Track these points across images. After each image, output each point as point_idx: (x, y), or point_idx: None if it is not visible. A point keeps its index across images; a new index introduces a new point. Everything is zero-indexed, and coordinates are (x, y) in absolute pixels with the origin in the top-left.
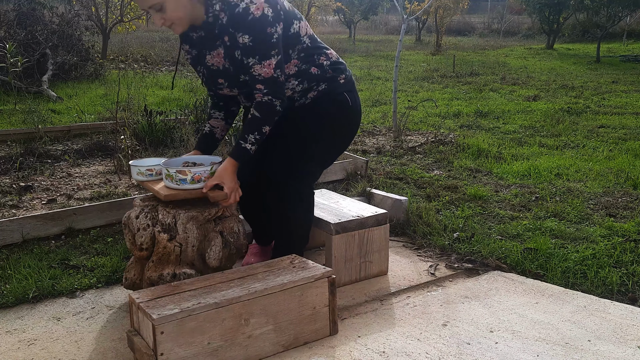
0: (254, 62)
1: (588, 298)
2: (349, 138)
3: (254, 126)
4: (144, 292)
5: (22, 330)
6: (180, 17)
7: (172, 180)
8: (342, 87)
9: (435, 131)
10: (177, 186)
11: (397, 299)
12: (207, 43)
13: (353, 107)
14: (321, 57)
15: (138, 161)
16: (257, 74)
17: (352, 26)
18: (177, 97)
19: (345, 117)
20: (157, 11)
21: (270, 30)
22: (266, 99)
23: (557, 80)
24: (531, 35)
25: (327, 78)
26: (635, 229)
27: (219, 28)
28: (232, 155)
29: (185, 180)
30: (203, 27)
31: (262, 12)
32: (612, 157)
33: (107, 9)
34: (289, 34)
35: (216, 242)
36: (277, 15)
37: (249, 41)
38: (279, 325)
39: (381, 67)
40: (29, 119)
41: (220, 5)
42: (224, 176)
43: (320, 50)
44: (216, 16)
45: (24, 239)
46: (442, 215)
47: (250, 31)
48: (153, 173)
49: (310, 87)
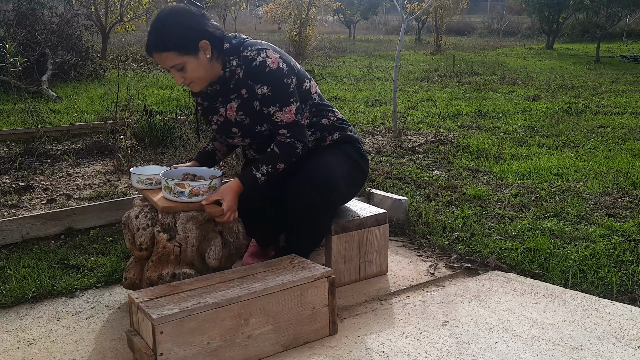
0: (275, 110)
1: (587, 298)
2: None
3: (269, 160)
4: (143, 292)
5: (22, 330)
6: (200, 77)
7: (170, 192)
8: (353, 137)
9: (435, 131)
10: (175, 198)
11: (397, 299)
12: (222, 96)
13: (364, 155)
14: (329, 114)
15: (139, 169)
16: (279, 120)
17: (352, 26)
18: (176, 97)
19: (361, 159)
20: (178, 70)
21: (286, 81)
22: (289, 141)
23: (556, 80)
24: (531, 35)
25: (338, 127)
26: (634, 229)
27: (235, 82)
28: (241, 179)
29: (183, 194)
30: (219, 82)
31: (278, 65)
32: (612, 157)
33: (106, 9)
34: (302, 90)
35: (216, 242)
36: (290, 69)
37: (268, 91)
38: (278, 325)
39: (381, 67)
40: (29, 118)
41: (237, 61)
42: (227, 194)
43: (328, 108)
44: (233, 71)
45: (23, 238)
46: (442, 215)
47: (268, 82)
48: (153, 182)
49: (323, 137)
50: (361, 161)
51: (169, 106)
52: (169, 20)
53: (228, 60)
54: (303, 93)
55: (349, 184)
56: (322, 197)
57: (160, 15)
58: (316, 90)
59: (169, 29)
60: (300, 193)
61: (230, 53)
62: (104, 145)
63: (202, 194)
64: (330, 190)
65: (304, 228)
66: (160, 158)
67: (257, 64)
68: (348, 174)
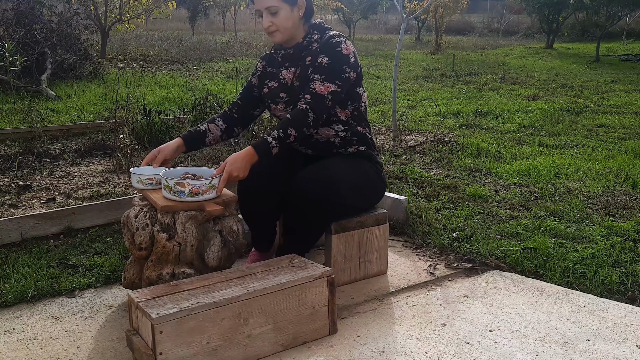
0: (318, 79)
1: (587, 297)
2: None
3: (282, 125)
4: (142, 291)
5: (21, 329)
6: (286, 27)
7: (170, 191)
8: (376, 159)
9: (435, 130)
10: (175, 198)
11: (397, 299)
12: (290, 60)
13: (382, 178)
14: (366, 128)
15: (139, 169)
16: (313, 87)
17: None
18: (176, 96)
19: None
20: (271, 14)
21: (345, 68)
22: (304, 107)
23: (556, 80)
24: (531, 35)
25: (368, 143)
26: (634, 229)
27: (307, 52)
28: (252, 144)
29: (183, 193)
30: (293, 47)
31: (349, 53)
32: (612, 157)
33: (105, 8)
34: (355, 91)
35: (215, 241)
36: (355, 65)
37: (326, 62)
38: (278, 324)
39: (381, 67)
40: (28, 118)
41: (318, 37)
42: (235, 160)
43: (367, 123)
44: (310, 42)
45: (22, 238)
46: (442, 214)
47: (331, 57)
48: (153, 182)
49: (351, 140)
50: (377, 181)
51: (168, 105)
52: None
53: (311, 33)
54: (355, 94)
55: (354, 194)
56: (321, 193)
57: None
58: (365, 102)
59: None
60: (301, 184)
61: (315, 28)
62: (103, 144)
63: (202, 193)
64: (331, 189)
65: (301, 223)
66: None
67: (333, 42)
68: (356, 184)
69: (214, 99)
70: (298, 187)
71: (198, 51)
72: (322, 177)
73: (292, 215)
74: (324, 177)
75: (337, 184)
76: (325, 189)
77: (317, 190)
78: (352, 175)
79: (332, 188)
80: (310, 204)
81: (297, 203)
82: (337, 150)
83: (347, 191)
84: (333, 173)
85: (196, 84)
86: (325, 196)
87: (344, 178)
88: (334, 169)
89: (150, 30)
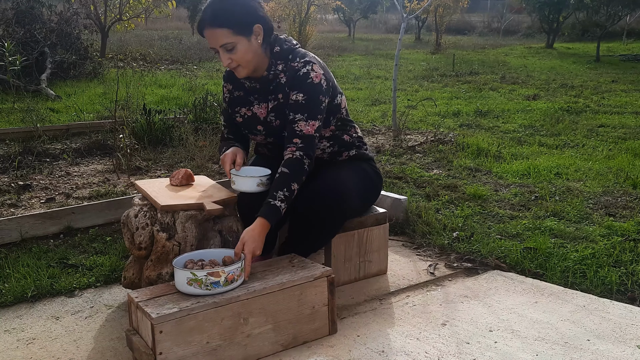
0: (300, 119)
1: (587, 297)
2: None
3: (282, 183)
4: (142, 291)
5: (21, 329)
6: (248, 61)
7: (201, 285)
8: (369, 156)
9: (435, 130)
10: (208, 292)
11: (397, 299)
12: (258, 94)
13: (379, 174)
14: (351, 130)
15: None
16: (300, 129)
17: (352, 25)
18: (176, 95)
19: (376, 177)
20: (227, 51)
21: (321, 98)
22: (298, 154)
23: (556, 80)
24: (531, 34)
25: (356, 146)
26: (634, 229)
27: (275, 86)
28: (263, 214)
29: (218, 284)
30: (259, 81)
31: (320, 81)
32: (612, 157)
33: (105, 8)
34: (334, 104)
35: (215, 241)
36: (328, 89)
37: (302, 99)
38: (278, 324)
39: (381, 66)
40: (28, 117)
41: (283, 67)
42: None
43: (351, 123)
44: (276, 75)
45: (22, 237)
46: (442, 214)
47: (305, 92)
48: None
49: (339, 151)
50: (376, 179)
51: (168, 105)
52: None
53: (275, 64)
54: (334, 107)
55: (361, 200)
56: (334, 209)
57: None
58: (345, 105)
59: (227, 6)
60: (313, 202)
61: (278, 57)
62: (103, 144)
63: (236, 279)
64: (343, 204)
65: (310, 234)
66: (159, 157)
67: (300, 74)
68: (362, 190)
69: (214, 99)
70: (308, 205)
71: (198, 51)
72: (332, 193)
73: (302, 228)
74: (334, 192)
75: (348, 197)
76: (337, 204)
77: (329, 206)
78: (359, 184)
79: (343, 204)
80: (323, 221)
81: (308, 218)
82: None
83: (357, 200)
84: (341, 185)
85: (196, 83)
86: (338, 212)
87: (352, 188)
88: (340, 179)
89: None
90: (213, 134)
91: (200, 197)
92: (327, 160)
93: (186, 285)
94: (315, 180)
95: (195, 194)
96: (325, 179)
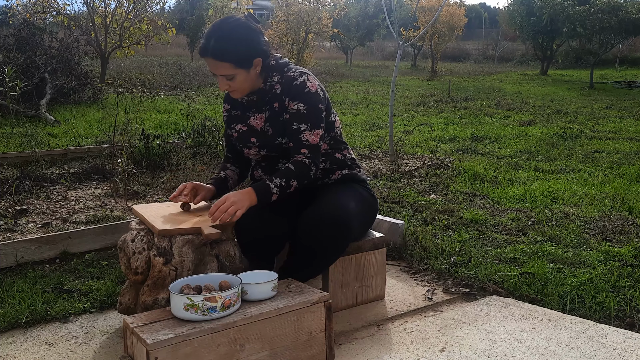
0: (305, 128)
1: (586, 323)
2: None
3: (284, 175)
4: (138, 316)
5: (14, 355)
6: (245, 88)
7: (197, 310)
8: (361, 177)
9: (432, 155)
10: (204, 317)
11: (395, 324)
12: (255, 106)
13: (375, 197)
14: (344, 150)
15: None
16: (306, 139)
17: (349, 52)
18: (174, 121)
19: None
20: (226, 79)
21: (320, 106)
22: (307, 161)
23: (551, 106)
24: (525, 62)
25: (349, 165)
26: (631, 254)
27: (271, 96)
28: (254, 187)
29: (215, 309)
30: (256, 93)
31: (316, 90)
32: (607, 182)
33: (106, 35)
34: (329, 120)
35: (212, 265)
36: (324, 99)
37: (304, 109)
38: (274, 350)
39: (377, 92)
40: (26, 142)
41: (278, 78)
42: (235, 194)
43: (344, 145)
44: (272, 86)
45: (18, 262)
46: (439, 239)
47: (305, 101)
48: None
49: (332, 169)
50: (372, 202)
51: (166, 130)
52: (234, 34)
53: (270, 76)
54: (329, 124)
55: (361, 224)
56: (338, 238)
57: (225, 26)
58: (339, 125)
59: (232, 42)
60: (316, 232)
61: (273, 70)
62: (101, 168)
63: (233, 304)
64: (346, 231)
65: (312, 263)
66: (157, 182)
67: (297, 83)
68: (361, 214)
69: (212, 124)
70: (311, 235)
71: (197, 77)
72: (334, 222)
73: (304, 256)
74: (336, 221)
75: (350, 224)
76: (340, 232)
77: (333, 236)
78: (357, 207)
79: (346, 231)
80: (326, 250)
81: (312, 249)
82: (321, 181)
83: (357, 225)
84: (343, 213)
85: (195, 108)
86: (341, 240)
87: (352, 214)
88: (341, 206)
89: (149, 56)
90: (211, 158)
91: (198, 222)
92: (321, 181)
93: (182, 310)
94: (315, 207)
95: (193, 218)
96: (327, 205)
